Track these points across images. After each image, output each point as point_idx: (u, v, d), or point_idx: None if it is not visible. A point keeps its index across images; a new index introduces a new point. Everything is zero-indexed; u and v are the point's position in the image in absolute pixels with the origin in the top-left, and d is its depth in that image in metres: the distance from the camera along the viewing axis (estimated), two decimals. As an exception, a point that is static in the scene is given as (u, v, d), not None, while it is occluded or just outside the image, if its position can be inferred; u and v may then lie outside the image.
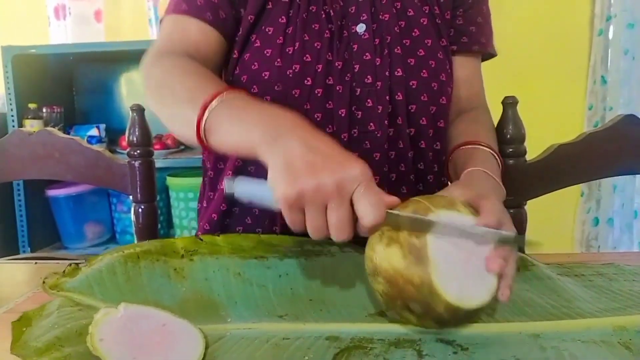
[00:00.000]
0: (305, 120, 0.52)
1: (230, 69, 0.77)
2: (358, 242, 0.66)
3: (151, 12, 1.90)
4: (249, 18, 0.74)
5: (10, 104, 1.88)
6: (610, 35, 1.91)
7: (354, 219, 0.48)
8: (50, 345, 0.48)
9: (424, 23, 0.78)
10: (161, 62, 0.70)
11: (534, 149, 0.90)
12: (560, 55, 1.99)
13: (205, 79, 0.64)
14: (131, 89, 2.20)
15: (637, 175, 1.94)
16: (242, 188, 0.50)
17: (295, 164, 0.46)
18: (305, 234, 0.49)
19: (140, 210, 0.94)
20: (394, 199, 0.50)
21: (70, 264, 0.58)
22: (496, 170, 0.68)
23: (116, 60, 2.13)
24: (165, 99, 0.65)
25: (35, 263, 0.83)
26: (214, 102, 0.55)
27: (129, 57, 2.08)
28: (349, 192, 0.46)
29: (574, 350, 0.48)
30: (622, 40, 1.89)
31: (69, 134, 2.04)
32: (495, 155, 0.72)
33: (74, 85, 2.21)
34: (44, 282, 0.56)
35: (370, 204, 0.46)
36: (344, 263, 0.63)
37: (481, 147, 0.73)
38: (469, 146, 0.74)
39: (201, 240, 0.62)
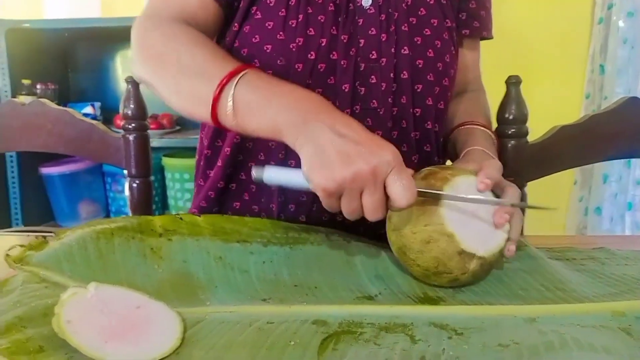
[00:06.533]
0: (328, 102, 0.55)
1: (228, 42, 0.74)
2: (348, 229, 0.66)
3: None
4: None
5: (4, 80, 1.86)
6: (611, 24, 1.89)
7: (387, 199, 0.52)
8: (10, 326, 0.43)
9: (431, 2, 0.76)
10: (159, 27, 0.66)
11: (531, 135, 0.89)
12: (561, 44, 1.97)
13: (214, 51, 0.62)
14: (127, 67, 2.17)
15: (632, 166, 1.93)
16: (271, 175, 0.54)
17: (328, 154, 0.49)
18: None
19: (135, 185, 0.93)
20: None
21: (37, 237, 0.54)
22: (493, 148, 0.72)
23: (112, 37, 2.09)
24: (167, 69, 0.62)
25: (28, 235, 0.81)
26: (232, 82, 0.55)
27: (125, 34, 2.03)
28: (383, 177, 0.50)
29: (575, 334, 0.46)
30: (622, 29, 1.88)
31: (63, 111, 2.03)
32: (492, 134, 0.76)
33: (68, 62, 2.18)
34: (7, 255, 0.51)
35: (404, 188, 0.50)
36: (331, 252, 0.61)
37: (479, 127, 0.76)
38: (469, 125, 0.77)
39: (181, 219, 0.59)
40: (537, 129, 0.90)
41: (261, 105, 0.54)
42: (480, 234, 0.56)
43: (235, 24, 0.73)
